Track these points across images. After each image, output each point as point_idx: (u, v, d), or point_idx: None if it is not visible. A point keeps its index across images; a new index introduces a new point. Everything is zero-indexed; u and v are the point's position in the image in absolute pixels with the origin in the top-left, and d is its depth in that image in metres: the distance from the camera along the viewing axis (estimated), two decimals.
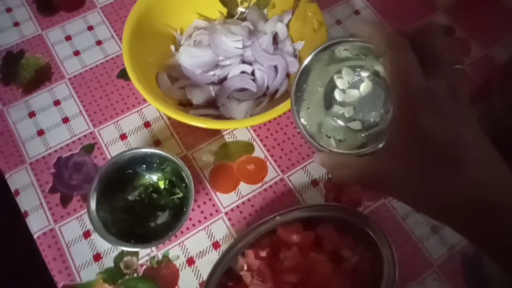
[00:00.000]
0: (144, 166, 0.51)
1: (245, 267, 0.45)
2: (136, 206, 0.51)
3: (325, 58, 0.39)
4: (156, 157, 0.49)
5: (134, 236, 0.46)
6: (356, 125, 0.39)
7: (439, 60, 0.32)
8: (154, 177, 0.52)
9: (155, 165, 0.51)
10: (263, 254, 0.44)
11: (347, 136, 0.39)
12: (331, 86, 0.40)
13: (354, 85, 0.39)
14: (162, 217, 0.51)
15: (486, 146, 0.31)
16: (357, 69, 0.39)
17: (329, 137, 0.40)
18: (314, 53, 0.39)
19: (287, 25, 0.58)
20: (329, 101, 0.41)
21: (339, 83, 0.39)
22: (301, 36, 0.57)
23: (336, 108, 0.40)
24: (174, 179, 0.51)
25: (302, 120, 0.39)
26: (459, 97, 0.31)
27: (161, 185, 0.51)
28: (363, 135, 0.39)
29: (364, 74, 0.39)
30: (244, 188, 0.53)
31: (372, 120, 0.38)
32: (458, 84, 0.32)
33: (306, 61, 0.39)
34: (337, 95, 0.39)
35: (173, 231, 0.45)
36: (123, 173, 0.49)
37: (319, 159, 0.36)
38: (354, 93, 0.39)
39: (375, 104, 0.38)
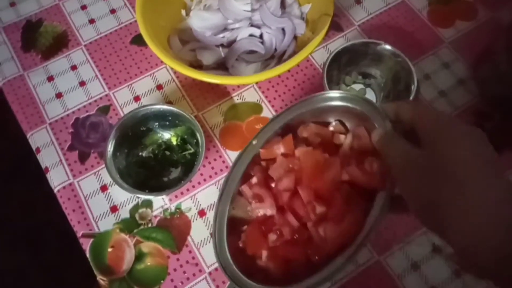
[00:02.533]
0: (157, 123, 0.53)
1: (249, 208, 0.43)
2: (150, 161, 0.53)
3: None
4: (169, 114, 0.51)
5: (148, 188, 0.49)
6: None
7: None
8: (166, 135, 0.54)
9: (167, 123, 0.53)
10: (254, 181, 0.42)
11: None
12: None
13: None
14: (175, 173, 0.53)
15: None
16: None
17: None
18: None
19: None
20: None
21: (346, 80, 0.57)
22: None
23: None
24: (186, 136, 0.53)
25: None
26: None
27: (174, 141, 0.54)
28: None
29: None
30: None
31: None
32: None
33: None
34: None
35: (185, 180, 0.47)
36: (137, 129, 0.52)
37: (377, 134, 0.37)
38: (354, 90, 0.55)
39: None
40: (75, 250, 0.52)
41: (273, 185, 0.42)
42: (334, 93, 0.41)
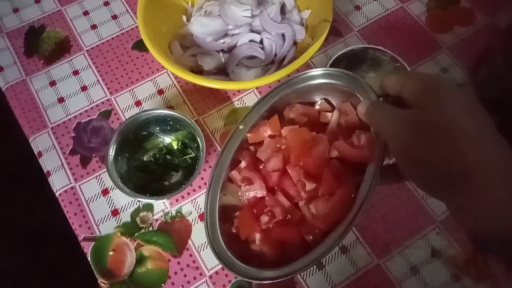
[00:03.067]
0: (158, 128, 0.53)
1: (240, 192, 0.42)
2: (151, 165, 0.54)
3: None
4: (170, 119, 0.52)
5: (149, 192, 0.49)
6: None
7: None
8: (167, 139, 0.54)
9: (168, 127, 0.53)
10: (243, 165, 0.42)
11: None
12: None
13: None
14: (176, 177, 0.54)
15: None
16: None
17: None
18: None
19: None
20: None
21: None
22: (308, 5, 0.59)
23: None
24: (186, 140, 0.54)
25: None
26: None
27: (175, 146, 0.54)
28: None
29: None
30: None
31: None
32: None
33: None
34: None
35: (186, 184, 0.48)
36: (138, 134, 0.52)
37: (363, 106, 0.36)
38: None
39: None
40: (76, 253, 0.53)
41: (261, 167, 0.41)
42: (317, 71, 0.41)
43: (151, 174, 0.53)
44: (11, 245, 1.03)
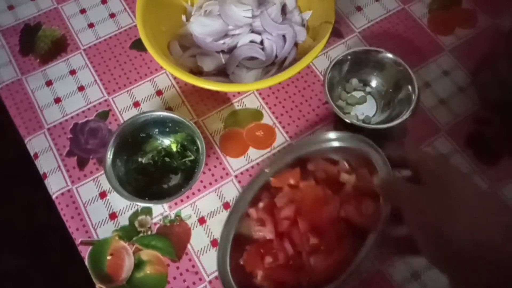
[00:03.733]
0: (157, 130, 0.53)
1: (257, 229, 0.46)
2: (150, 168, 0.53)
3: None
4: (169, 121, 0.51)
5: (148, 195, 0.48)
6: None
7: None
8: (166, 141, 0.54)
9: (167, 129, 0.53)
10: (260, 205, 0.46)
11: None
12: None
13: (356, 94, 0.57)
14: (175, 179, 0.53)
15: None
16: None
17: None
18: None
19: None
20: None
21: (347, 87, 0.57)
22: (309, 5, 0.58)
23: (339, 102, 0.57)
24: (186, 143, 0.53)
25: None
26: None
27: (174, 148, 0.53)
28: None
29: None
30: (253, 153, 0.55)
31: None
32: None
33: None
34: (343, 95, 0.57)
35: (186, 188, 0.47)
36: (136, 136, 0.51)
37: (379, 179, 0.41)
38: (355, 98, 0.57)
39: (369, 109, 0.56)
40: (76, 254, 0.52)
41: (276, 211, 0.45)
42: (332, 134, 0.46)
43: (150, 176, 0.52)
44: (10, 246, 1.02)
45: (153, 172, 0.53)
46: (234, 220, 0.45)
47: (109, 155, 0.48)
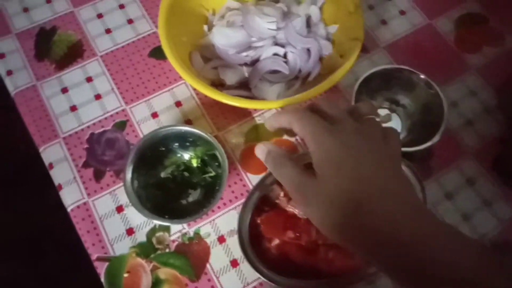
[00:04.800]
0: (177, 144, 0.51)
1: (281, 194, 0.47)
2: (169, 183, 0.51)
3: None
4: (189, 136, 0.50)
5: (166, 212, 0.47)
6: None
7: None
8: (186, 156, 0.52)
9: (187, 143, 0.51)
10: None
11: None
12: None
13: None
14: (194, 195, 0.51)
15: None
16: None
17: None
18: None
19: (321, 8, 0.58)
20: None
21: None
22: (335, 19, 0.57)
23: None
24: (206, 158, 0.52)
25: None
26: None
27: (194, 163, 0.52)
28: None
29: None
30: None
31: None
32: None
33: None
34: None
35: (208, 208, 0.45)
36: (156, 150, 0.50)
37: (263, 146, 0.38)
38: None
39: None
40: (75, 262, 0.51)
41: None
42: None
43: (169, 192, 0.51)
44: (7, 252, 1.00)
45: (172, 188, 0.51)
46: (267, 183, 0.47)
47: (129, 171, 0.47)
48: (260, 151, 0.38)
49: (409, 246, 0.30)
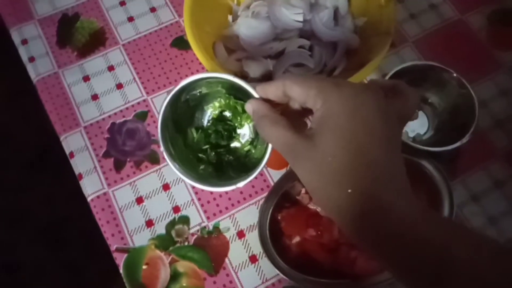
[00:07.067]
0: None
1: (303, 191, 0.47)
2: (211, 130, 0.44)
3: None
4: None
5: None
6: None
7: None
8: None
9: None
10: None
11: None
12: None
13: None
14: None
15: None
16: None
17: None
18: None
19: (349, 0, 0.56)
20: None
21: None
22: (364, 12, 0.55)
23: None
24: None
25: None
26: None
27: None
28: None
29: None
30: None
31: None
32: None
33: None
34: None
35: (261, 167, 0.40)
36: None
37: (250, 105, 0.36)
38: None
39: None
40: (96, 248, 0.51)
41: None
42: None
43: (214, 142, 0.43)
44: (30, 236, 1.02)
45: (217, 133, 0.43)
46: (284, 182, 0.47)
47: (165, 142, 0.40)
48: (247, 108, 0.37)
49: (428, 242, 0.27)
